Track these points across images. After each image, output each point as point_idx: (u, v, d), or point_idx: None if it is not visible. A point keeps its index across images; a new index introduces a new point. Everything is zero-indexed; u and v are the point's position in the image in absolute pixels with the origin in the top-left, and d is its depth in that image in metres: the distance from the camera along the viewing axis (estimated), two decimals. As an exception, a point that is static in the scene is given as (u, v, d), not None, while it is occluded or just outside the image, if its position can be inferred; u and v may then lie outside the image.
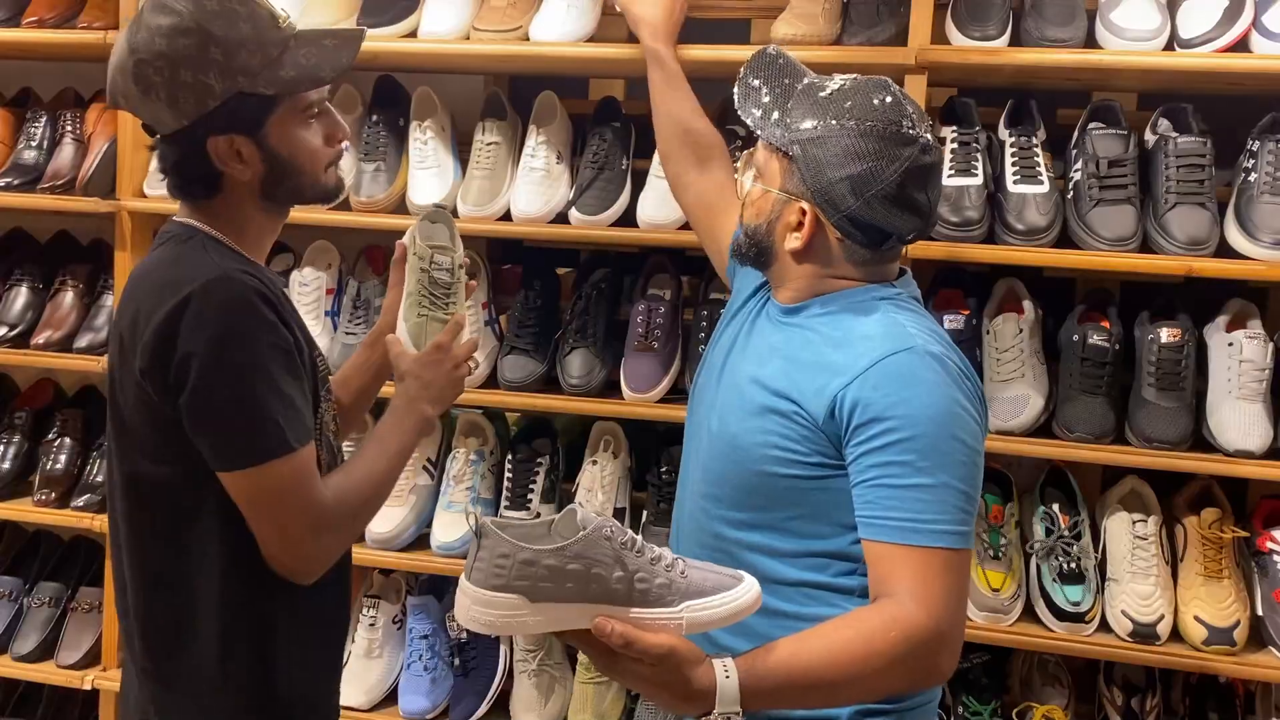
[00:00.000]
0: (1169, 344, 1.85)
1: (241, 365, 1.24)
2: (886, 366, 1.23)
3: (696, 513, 1.38)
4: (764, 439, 1.29)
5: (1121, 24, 1.82)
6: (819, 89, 1.31)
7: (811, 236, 1.30)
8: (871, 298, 1.31)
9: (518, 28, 2.02)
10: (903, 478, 1.20)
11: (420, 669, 2.09)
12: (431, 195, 2.08)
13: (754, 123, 1.34)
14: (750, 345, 1.39)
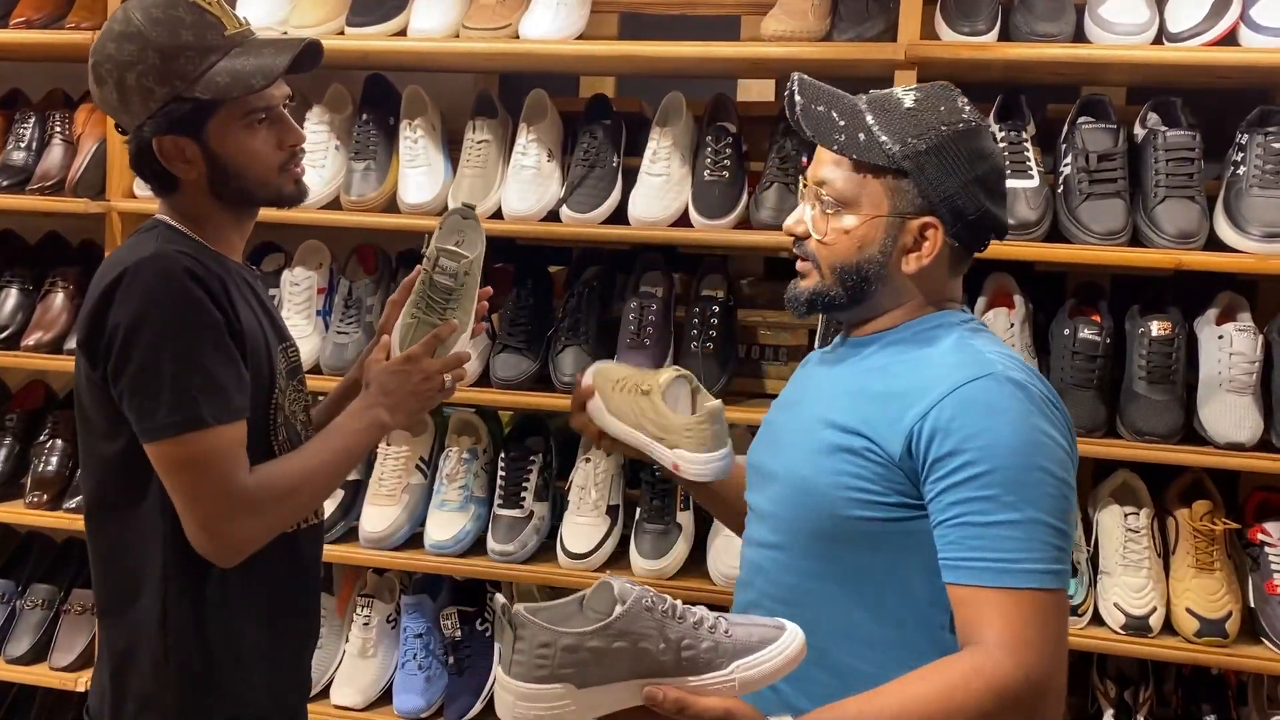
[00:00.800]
0: (1159, 337, 1.85)
1: (161, 338, 1.27)
2: (964, 395, 1.16)
3: (766, 564, 1.29)
4: (837, 479, 1.21)
5: (1110, 18, 1.82)
6: (898, 103, 1.24)
7: (935, 253, 1.23)
8: (946, 323, 1.25)
9: (507, 25, 2.02)
10: (987, 514, 1.12)
11: (415, 668, 2.09)
12: (422, 194, 2.07)
13: (840, 148, 1.23)
14: (815, 387, 1.32)
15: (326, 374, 2.10)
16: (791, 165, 1.98)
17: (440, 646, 2.11)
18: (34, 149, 2.31)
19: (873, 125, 1.23)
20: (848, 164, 1.24)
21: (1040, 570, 1.12)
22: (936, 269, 1.25)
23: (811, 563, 1.24)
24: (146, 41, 1.31)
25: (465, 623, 2.11)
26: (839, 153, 1.24)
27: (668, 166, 2.02)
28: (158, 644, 1.35)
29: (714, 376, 1.97)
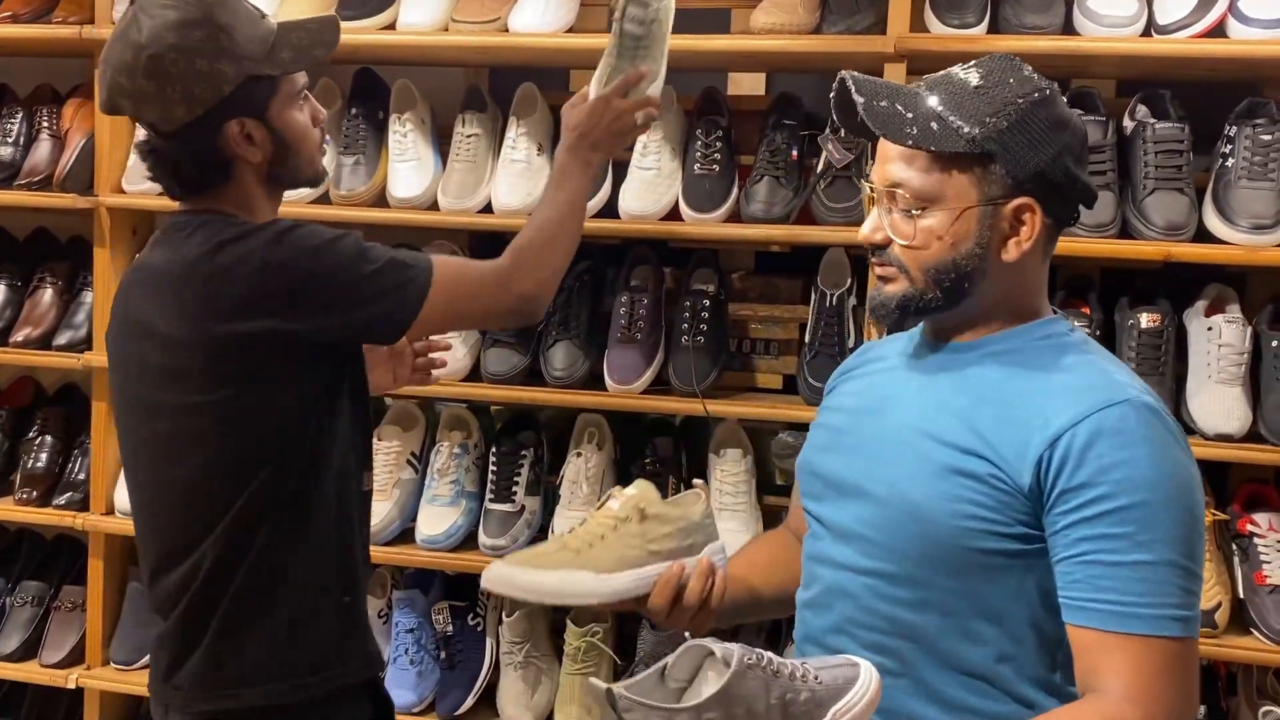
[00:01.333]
0: (1149, 329, 1.86)
1: (339, 252, 1.33)
2: (1099, 421, 1.07)
3: (856, 589, 1.17)
4: (955, 507, 1.11)
5: (1099, 10, 1.82)
6: (963, 84, 1.15)
7: (1035, 235, 1.14)
8: (1055, 332, 1.17)
9: (496, 19, 2.02)
10: (1119, 553, 1.04)
11: (406, 662, 2.09)
12: (412, 188, 2.07)
13: (915, 141, 1.13)
14: (903, 395, 1.21)
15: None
16: (782, 159, 1.98)
17: (432, 641, 2.11)
18: (21, 144, 2.30)
19: (942, 112, 1.13)
20: (923, 158, 1.14)
21: (1173, 617, 1.05)
22: (1034, 253, 1.16)
23: (916, 592, 1.14)
24: (215, 24, 1.31)
25: (457, 617, 2.11)
26: (914, 147, 1.13)
27: (658, 160, 2.02)
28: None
29: (705, 371, 1.97)
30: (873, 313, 1.22)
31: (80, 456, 2.28)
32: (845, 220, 1.90)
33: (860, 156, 1.93)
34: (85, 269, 2.28)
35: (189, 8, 1.31)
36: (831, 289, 1.96)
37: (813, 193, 1.94)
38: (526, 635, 2.08)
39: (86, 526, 2.20)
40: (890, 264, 1.18)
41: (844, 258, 2.01)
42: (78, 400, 2.38)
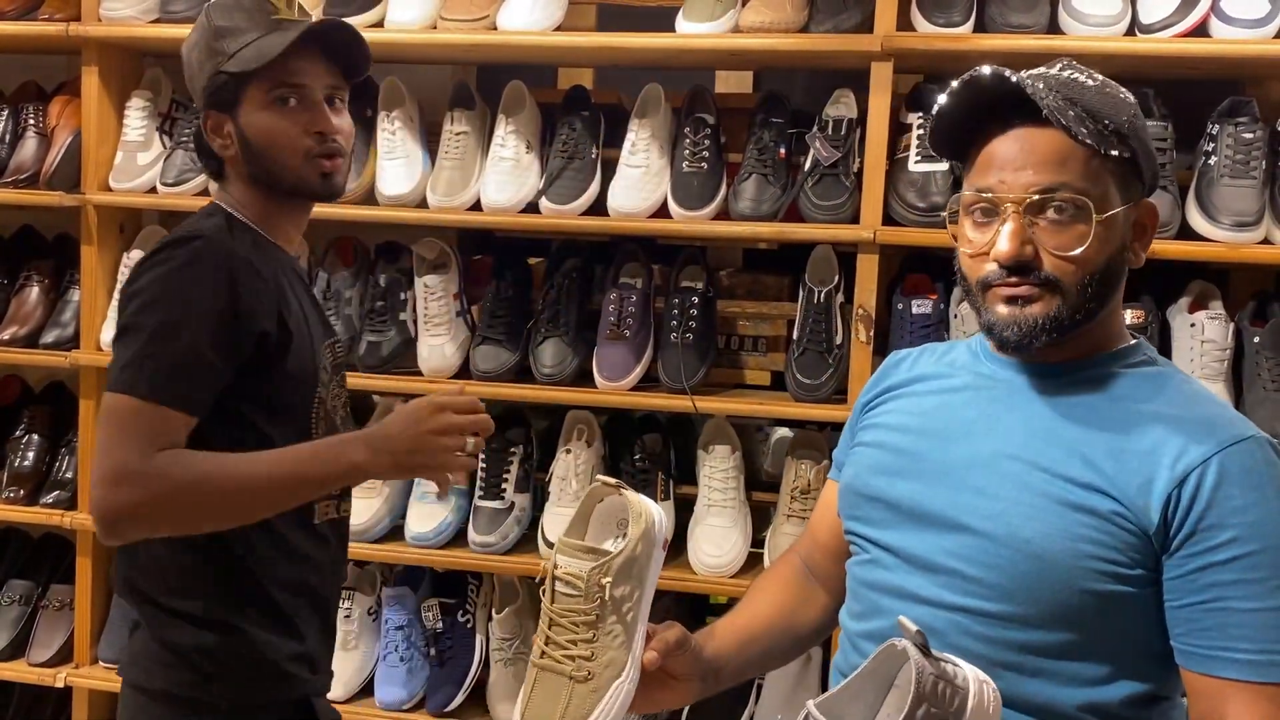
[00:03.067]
0: (1132, 325, 1.87)
1: (158, 305, 1.30)
2: (1229, 459, 1.02)
3: (945, 628, 1.08)
4: (1075, 546, 1.03)
5: (1083, 10, 1.84)
6: (1083, 83, 1.08)
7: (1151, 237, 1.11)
8: (1151, 357, 1.12)
9: (485, 17, 2.02)
10: (1251, 600, 1.00)
11: (396, 660, 2.09)
12: (401, 186, 2.07)
13: (1088, 138, 1.04)
14: (990, 419, 1.12)
15: (306, 367, 2.10)
16: (769, 157, 1.99)
17: (421, 638, 2.11)
18: (7, 141, 2.29)
19: (1095, 110, 1.05)
20: (1078, 159, 1.04)
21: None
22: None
23: (1015, 632, 1.06)
24: (207, 24, 1.42)
25: (446, 614, 2.12)
26: (1083, 143, 1.04)
27: (646, 158, 2.03)
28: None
29: (693, 367, 1.98)
30: (1015, 340, 1.08)
31: (67, 455, 2.28)
32: (833, 218, 1.91)
33: (848, 154, 1.94)
34: (72, 267, 2.27)
35: (203, 13, 1.43)
36: (819, 286, 1.97)
37: (800, 190, 1.95)
38: (516, 632, 2.09)
39: (74, 525, 2.20)
40: (1034, 283, 1.06)
41: (831, 255, 2.02)
42: (65, 399, 2.37)
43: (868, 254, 1.89)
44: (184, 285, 1.30)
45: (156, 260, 1.33)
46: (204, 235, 1.35)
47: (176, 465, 1.26)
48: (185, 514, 1.29)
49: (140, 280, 1.32)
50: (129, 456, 1.25)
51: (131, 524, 1.28)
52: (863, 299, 1.90)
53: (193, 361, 1.29)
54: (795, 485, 1.99)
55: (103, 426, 1.29)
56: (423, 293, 2.09)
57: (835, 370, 1.94)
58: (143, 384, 1.27)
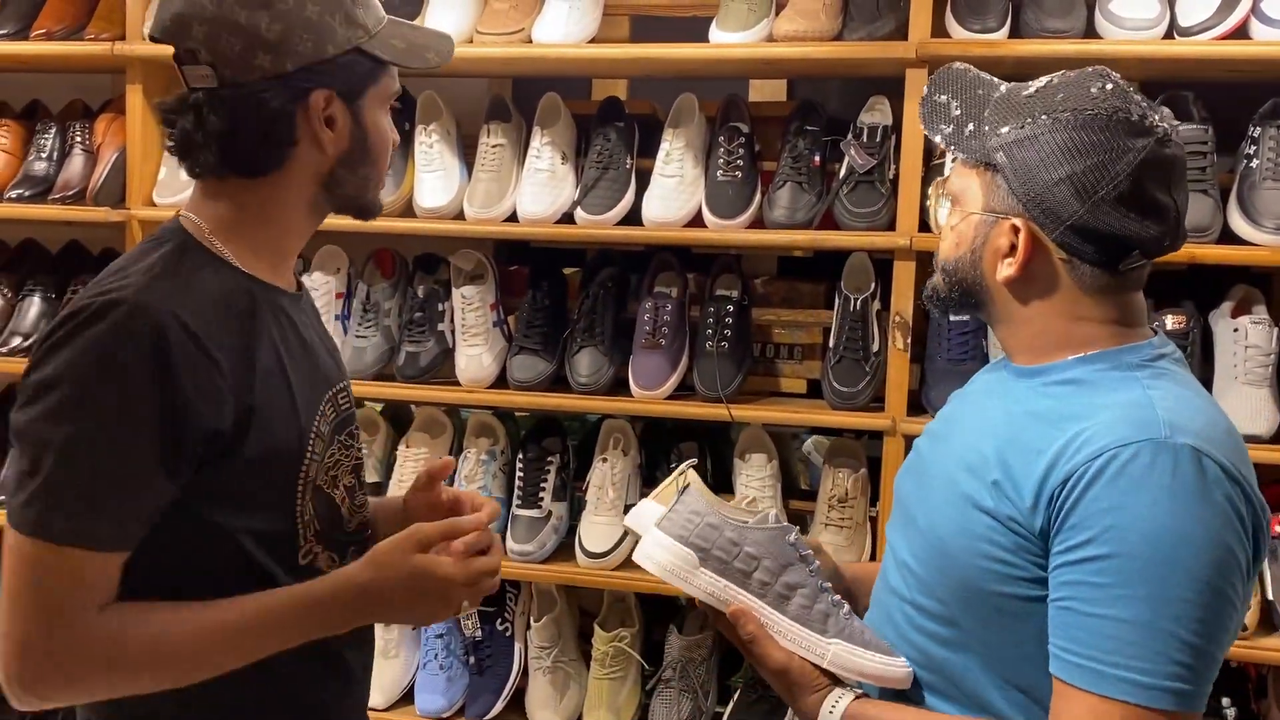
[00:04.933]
0: (1174, 331, 1.85)
1: (68, 412, 1.00)
2: (1109, 463, 0.98)
3: (898, 617, 1.15)
4: (975, 545, 1.05)
5: (1121, 13, 1.83)
6: (1020, 90, 1.11)
7: (1028, 259, 1.06)
8: (1122, 364, 1.06)
9: (520, 30, 2.04)
10: (1094, 605, 0.97)
11: (436, 668, 2.11)
12: (438, 198, 2.09)
13: (945, 139, 1.13)
14: (964, 419, 1.17)
15: (346, 377, 2.12)
16: (804, 164, 1.99)
17: (461, 646, 2.12)
18: (54, 159, 2.34)
19: (988, 116, 1.10)
20: (962, 157, 1.12)
21: (1146, 684, 0.95)
22: (1054, 280, 1.07)
23: (945, 629, 1.10)
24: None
25: (485, 622, 2.13)
26: (942, 144, 1.13)
27: (681, 167, 2.03)
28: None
29: (729, 375, 1.98)
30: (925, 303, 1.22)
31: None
32: (868, 225, 1.91)
33: (883, 161, 1.94)
34: (118, 281, 2.31)
35: None
36: (855, 293, 1.97)
37: (835, 198, 1.95)
38: (554, 640, 2.10)
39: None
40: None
41: (867, 262, 2.02)
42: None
43: (904, 261, 1.89)
44: (99, 380, 0.99)
45: (64, 335, 1.00)
46: (128, 299, 1.01)
47: (128, 631, 1.02)
48: (129, 680, 1.05)
49: (44, 368, 1.00)
50: (61, 622, 1.00)
51: (57, 700, 1.04)
52: (900, 306, 1.89)
53: (119, 487, 1.01)
54: (833, 494, 1.99)
55: (12, 576, 1.01)
56: (460, 303, 2.11)
57: (872, 378, 1.93)
58: (57, 524, 0.99)
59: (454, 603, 1.11)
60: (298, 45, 1.07)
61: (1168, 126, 1.05)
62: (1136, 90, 1.08)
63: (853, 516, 1.96)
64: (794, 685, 1.11)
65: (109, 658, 1.03)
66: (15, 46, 2.26)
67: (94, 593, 1.02)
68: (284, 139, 1.10)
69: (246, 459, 1.07)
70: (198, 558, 1.08)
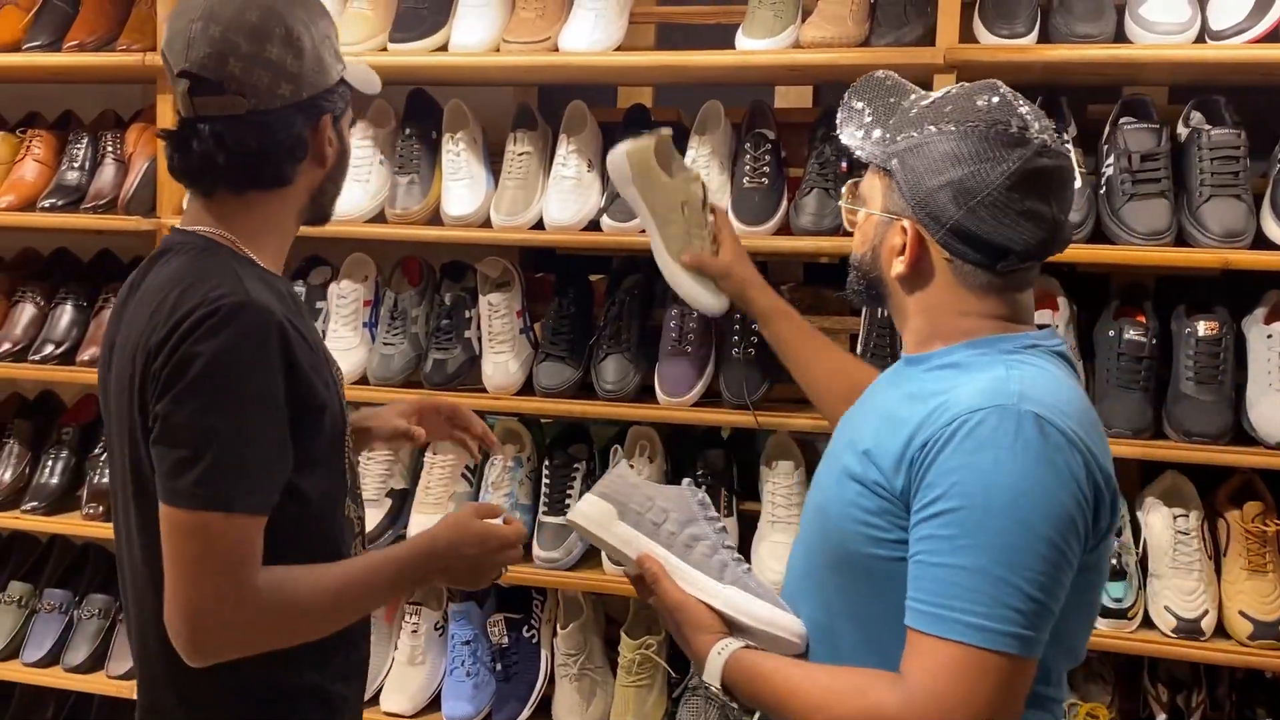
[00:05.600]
0: (1207, 337, 1.84)
1: (227, 399, 1.16)
2: (959, 428, 1.06)
3: (791, 586, 1.27)
4: (846, 510, 1.15)
5: (1151, 18, 1.81)
6: (920, 100, 1.21)
7: (916, 259, 1.16)
8: (994, 349, 1.14)
9: (546, 38, 2.05)
10: (936, 555, 1.05)
11: (463, 675, 2.11)
12: (465, 206, 2.10)
13: (853, 143, 1.23)
14: (863, 403, 1.27)
15: (374, 384, 2.14)
16: (831, 171, 1.98)
17: (488, 653, 2.13)
18: (86, 169, 2.37)
19: (893, 123, 1.20)
20: (866, 161, 1.23)
21: (972, 623, 1.03)
22: (939, 277, 1.16)
23: (827, 595, 1.19)
24: (330, 17, 1.30)
25: (512, 629, 2.13)
26: (851, 147, 1.24)
27: (707, 174, 2.03)
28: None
29: (756, 382, 1.98)
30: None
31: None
32: (896, 231, 1.90)
33: (910, 168, 1.93)
34: (148, 289, 2.34)
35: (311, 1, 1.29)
36: (882, 300, 1.96)
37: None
38: (581, 647, 2.10)
39: (151, 540, 2.25)
40: None
41: (895, 269, 2.00)
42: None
43: (932, 267, 1.88)
44: (246, 371, 1.17)
45: (200, 337, 1.16)
46: (248, 301, 1.18)
47: (286, 589, 1.20)
48: (292, 634, 1.24)
49: (192, 367, 1.15)
50: (235, 581, 1.16)
51: (232, 652, 1.20)
52: (927, 313, 1.88)
53: (269, 459, 1.19)
54: (860, 501, 1.98)
55: (189, 546, 1.16)
56: (487, 310, 2.12)
57: (900, 385, 1.92)
58: (228, 497, 1.16)
59: (497, 569, 1.37)
60: (311, 76, 1.26)
61: (1047, 139, 1.13)
62: (1025, 103, 1.16)
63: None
64: (687, 623, 1.21)
65: (273, 613, 1.20)
66: (48, 58, 2.29)
67: (258, 555, 1.19)
68: (299, 155, 1.28)
69: (324, 427, 1.26)
70: (284, 520, 1.22)
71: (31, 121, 2.51)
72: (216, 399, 1.16)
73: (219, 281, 1.20)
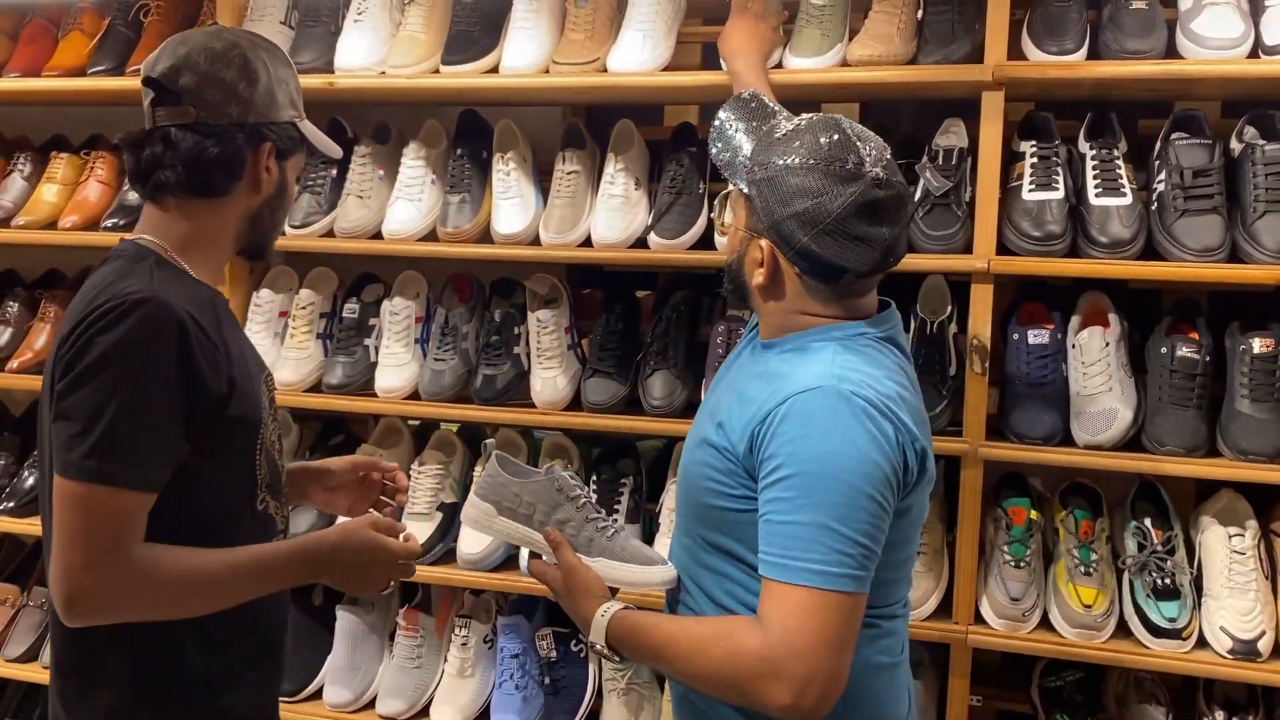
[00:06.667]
0: (1262, 354, 1.81)
1: (119, 383, 1.25)
2: (792, 405, 1.26)
3: (677, 543, 1.49)
4: (701, 470, 1.37)
5: (1203, 33, 1.80)
6: (775, 130, 1.37)
7: (772, 273, 1.35)
8: (828, 337, 1.34)
9: (595, 60, 2.07)
10: (780, 514, 1.25)
11: (511, 688, 2.13)
12: (514, 225, 2.13)
13: (721, 164, 1.42)
14: (726, 379, 1.48)
15: (425, 400, 2.17)
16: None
17: (536, 666, 2.14)
18: (148, 189, 2.43)
19: (754, 149, 1.38)
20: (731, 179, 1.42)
21: (815, 570, 1.22)
22: (790, 288, 1.36)
23: (690, 542, 1.42)
24: (293, 69, 1.47)
25: (560, 643, 2.15)
26: (719, 167, 1.43)
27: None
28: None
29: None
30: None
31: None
32: (944, 248, 1.90)
33: (959, 184, 1.93)
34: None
35: (274, 45, 1.45)
36: (931, 316, 1.96)
37: (910, 220, 1.94)
38: (629, 663, 2.11)
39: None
40: None
41: (944, 285, 2.01)
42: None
43: (982, 283, 1.88)
44: (140, 358, 1.26)
45: (103, 327, 1.26)
46: (152, 297, 1.28)
47: (161, 562, 1.29)
48: (158, 609, 1.32)
49: (91, 352, 1.26)
50: (114, 548, 1.25)
51: (103, 614, 1.29)
52: (977, 329, 1.88)
53: (158, 441, 1.28)
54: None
55: (73, 514, 1.25)
56: (535, 327, 2.15)
57: (949, 402, 1.92)
58: (111, 472, 1.25)
59: (384, 579, 1.45)
60: (259, 105, 1.39)
61: (880, 171, 1.31)
62: (862, 138, 1.32)
63: (930, 543, 1.95)
64: (575, 588, 1.41)
65: (147, 585, 1.29)
66: (112, 82, 2.36)
67: (139, 529, 1.28)
68: (236, 171, 1.39)
69: (228, 419, 1.35)
70: (184, 503, 1.33)
71: (95, 143, 2.58)
72: (110, 381, 1.26)
73: (131, 281, 1.31)
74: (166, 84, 1.36)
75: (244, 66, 1.38)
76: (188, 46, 1.38)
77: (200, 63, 1.36)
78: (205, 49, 1.37)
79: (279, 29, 2.27)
